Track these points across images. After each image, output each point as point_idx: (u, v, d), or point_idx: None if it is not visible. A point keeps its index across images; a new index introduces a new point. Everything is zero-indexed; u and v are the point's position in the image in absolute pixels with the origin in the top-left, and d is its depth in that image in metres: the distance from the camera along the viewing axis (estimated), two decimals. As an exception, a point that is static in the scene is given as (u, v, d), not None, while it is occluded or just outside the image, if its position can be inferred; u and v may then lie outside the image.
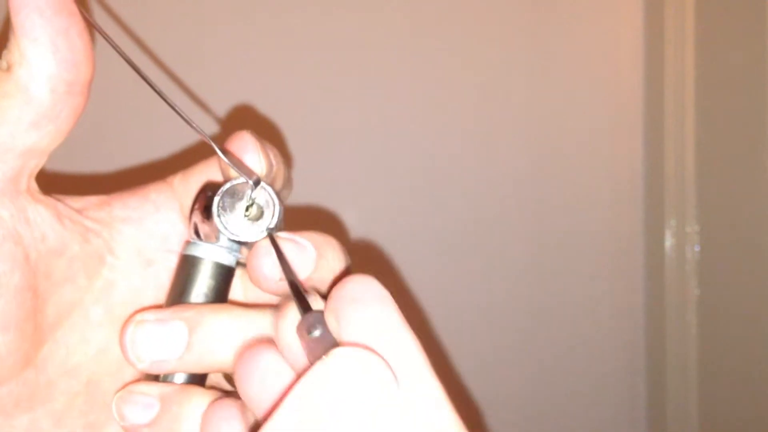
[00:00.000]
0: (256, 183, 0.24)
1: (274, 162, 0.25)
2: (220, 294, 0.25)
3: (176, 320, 0.23)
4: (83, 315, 0.24)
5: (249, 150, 0.24)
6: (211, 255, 0.25)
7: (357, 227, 0.78)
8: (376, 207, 0.78)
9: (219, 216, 0.24)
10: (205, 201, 0.25)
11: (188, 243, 0.25)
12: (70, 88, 0.22)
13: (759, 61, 0.71)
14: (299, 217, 0.77)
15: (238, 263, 0.26)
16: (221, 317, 0.23)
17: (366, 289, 0.20)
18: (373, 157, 0.78)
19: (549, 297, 0.83)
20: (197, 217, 0.25)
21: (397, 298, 0.20)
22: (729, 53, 0.76)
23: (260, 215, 0.24)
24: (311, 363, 0.19)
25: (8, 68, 0.21)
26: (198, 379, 0.24)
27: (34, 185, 0.23)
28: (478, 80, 0.81)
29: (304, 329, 0.20)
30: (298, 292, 0.21)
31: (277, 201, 0.24)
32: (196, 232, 0.25)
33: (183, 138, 0.70)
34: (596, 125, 0.84)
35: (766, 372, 0.72)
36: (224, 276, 0.25)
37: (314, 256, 0.24)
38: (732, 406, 0.77)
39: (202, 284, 0.24)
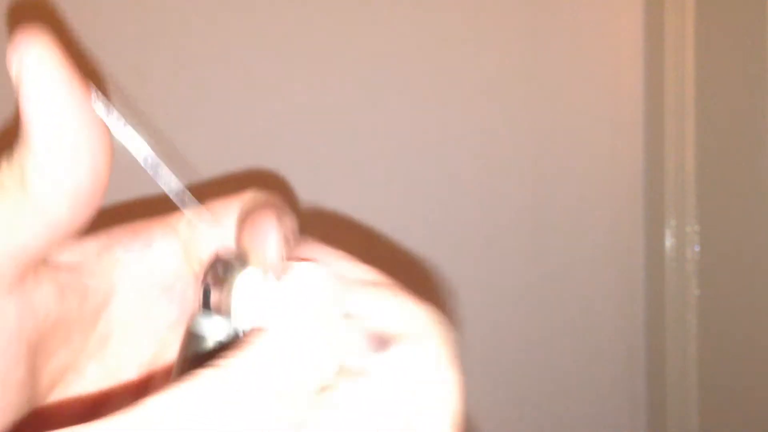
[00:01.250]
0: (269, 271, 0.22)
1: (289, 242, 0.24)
2: None
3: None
4: (77, 373, 0.23)
5: (270, 240, 0.22)
6: (220, 334, 0.23)
7: (354, 231, 0.78)
8: (376, 207, 0.79)
9: (237, 306, 0.23)
10: (221, 279, 0.23)
11: (195, 318, 0.24)
12: (92, 199, 0.20)
13: (759, 61, 0.71)
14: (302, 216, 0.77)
15: None
16: None
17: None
18: (373, 158, 0.78)
19: (549, 297, 0.83)
20: (211, 294, 0.23)
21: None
22: (729, 53, 0.76)
23: None
24: None
25: (20, 176, 0.19)
26: None
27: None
28: (479, 80, 0.81)
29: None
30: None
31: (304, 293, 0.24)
32: (206, 306, 0.24)
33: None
34: (596, 125, 0.84)
35: (766, 372, 0.72)
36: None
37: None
38: (732, 406, 0.77)
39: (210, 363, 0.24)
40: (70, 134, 0.19)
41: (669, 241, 0.82)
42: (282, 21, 0.76)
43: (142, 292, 0.24)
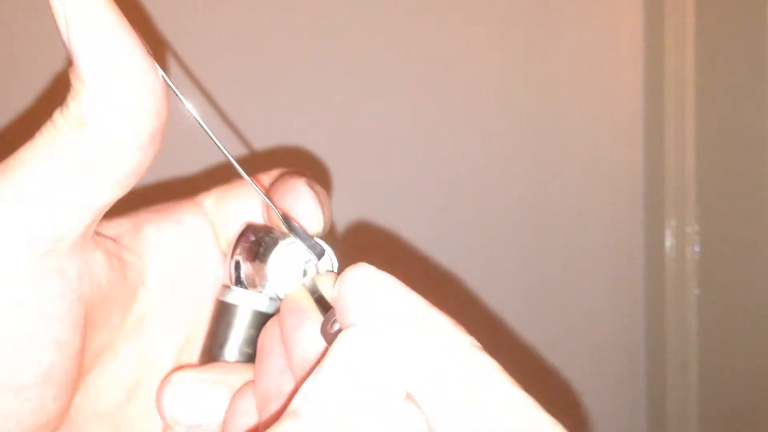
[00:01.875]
0: (320, 254, 0.23)
1: (328, 215, 0.24)
2: None
3: (219, 385, 0.22)
4: (112, 355, 0.22)
5: (308, 208, 0.22)
6: (253, 304, 0.23)
7: (355, 230, 0.78)
8: (375, 208, 0.78)
9: (274, 277, 0.22)
10: (254, 250, 0.23)
11: (227, 288, 0.24)
12: (152, 139, 0.19)
13: (759, 61, 0.71)
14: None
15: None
16: None
17: (366, 279, 0.19)
18: (373, 158, 0.78)
19: (549, 297, 0.83)
20: (243, 264, 0.23)
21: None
22: (729, 53, 0.76)
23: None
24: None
25: (80, 124, 0.18)
26: None
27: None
28: (479, 81, 0.81)
29: (327, 327, 0.19)
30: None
31: (333, 262, 0.23)
32: (238, 278, 0.24)
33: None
34: (596, 126, 0.84)
35: (766, 372, 0.72)
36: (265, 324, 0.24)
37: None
38: (732, 406, 0.77)
39: (244, 334, 0.23)
40: (129, 74, 0.18)
41: (669, 241, 0.83)
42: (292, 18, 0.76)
43: (174, 272, 0.24)
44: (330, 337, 0.19)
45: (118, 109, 0.18)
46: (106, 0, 0.18)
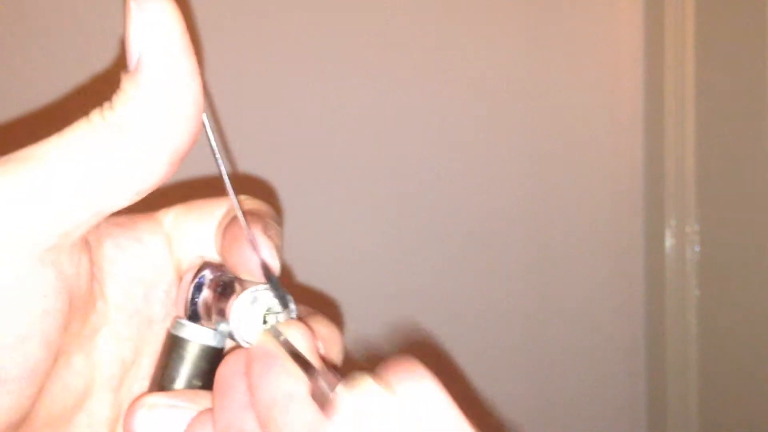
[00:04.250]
0: (283, 301, 0.23)
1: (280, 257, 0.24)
2: (212, 376, 0.25)
3: (190, 410, 0.22)
4: (67, 362, 0.22)
5: (263, 251, 0.23)
6: (206, 339, 0.24)
7: (357, 229, 0.78)
8: (375, 209, 0.78)
9: (235, 318, 0.23)
10: (211, 288, 0.24)
11: (180, 323, 0.24)
12: (180, 158, 0.20)
13: (759, 61, 0.71)
14: (301, 218, 0.77)
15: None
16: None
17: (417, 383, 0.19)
18: (372, 159, 0.78)
19: (549, 297, 0.83)
20: (199, 302, 0.24)
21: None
22: (729, 53, 0.76)
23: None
24: None
25: (121, 128, 0.19)
26: None
27: None
28: (478, 81, 0.81)
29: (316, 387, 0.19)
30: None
31: (294, 312, 0.24)
32: (193, 313, 0.24)
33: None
34: (596, 125, 0.84)
35: (766, 372, 0.72)
36: (218, 359, 0.25)
37: (320, 353, 0.23)
38: (732, 406, 0.77)
39: (194, 368, 0.24)
40: (184, 92, 0.19)
41: (669, 241, 0.83)
42: (284, 21, 0.75)
43: (129, 289, 0.24)
44: (325, 398, 0.19)
45: (163, 123, 0.19)
46: (182, 24, 0.19)
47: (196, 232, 0.25)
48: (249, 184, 0.73)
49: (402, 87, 0.78)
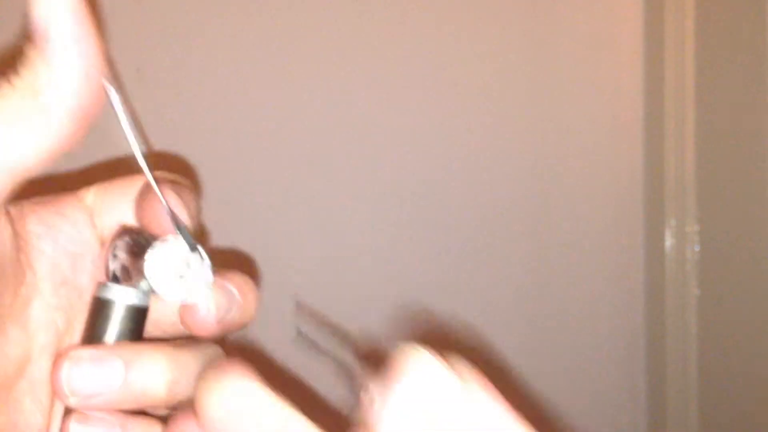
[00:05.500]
0: (193, 248, 0.25)
1: (195, 216, 0.26)
2: (139, 334, 0.26)
3: (114, 358, 0.24)
4: (2, 333, 0.23)
5: (180, 205, 0.25)
6: (130, 299, 0.25)
7: (357, 229, 0.78)
8: (375, 209, 0.78)
9: (152, 276, 0.25)
10: (129, 248, 0.25)
11: (104, 285, 0.26)
12: (90, 121, 0.22)
13: (759, 61, 0.71)
14: (298, 220, 0.77)
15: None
16: (156, 356, 0.24)
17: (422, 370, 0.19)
18: (372, 159, 0.78)
19: (549, 297, 0.83)
20: (119, 263, 0.25)
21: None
22: (729, 53, 0.76)
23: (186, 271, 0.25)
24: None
25: (34, 93, 0.21)
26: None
27: None
28: (478, 81, 0.81)
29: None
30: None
31: (210, 268, 0.25)
32: (114, 275, 0.25)
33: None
34: (596, 125, 0.84)
35: (766, 372, 0.72)
36: (142, 317, 0.26)
37: (240, 303, 0.25)
38: (732, 406, 0.77)
39: (120, 327, 0.25)
40: (88, 58, 0.21)
41: (669, 241, 0.83)
42: (282, 19, 0.75)
43: (55, 261, 0.25)
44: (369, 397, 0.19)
45: (65, 84, 0.21)
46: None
47: (117, 204, 0.27)
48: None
49: (402, 87, 0.78)
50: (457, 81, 0.80)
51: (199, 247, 0.25)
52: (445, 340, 0.79)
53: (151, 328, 0.27)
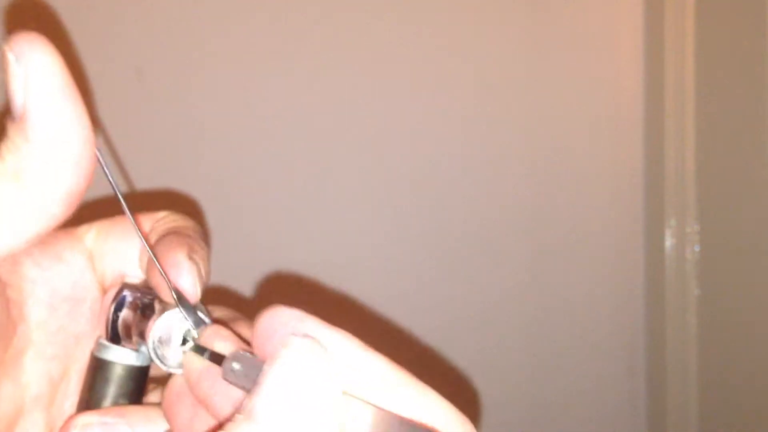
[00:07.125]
0: (198, 323, 0.24)
1: (206, 280, 0.24)
2: (140, 392, 0.26)
3: (121, 422, 0.23)
4: None
5: (188, 283, 0.23)
6: (129, 360, 0.25)
7: (358, 230, 0.78)
8: (375, 210, 0.78)
9: (155, 340, 0.24)
10: (133, 310, 0.25)
11: (104, 345, 0.25)
12: (78, 200, 0.20)
13: (759, 61, 0.71)
14: (296, 220, 0.77)
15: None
16: (162, 419, 0.23)
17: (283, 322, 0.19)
18: (372, 159, 0.78)
19: (549, 297, 0.83)
20: (121, 322, 0.25)
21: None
22: (729, 53, 0.76)
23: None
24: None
25: (15, 176, 0.19)
26: None
27: None
28: (478, 81, 0.81)
29: (229, 369, 0.19)
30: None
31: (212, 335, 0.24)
32: (115, 335, 0.25)
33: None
34: (596, 125, 0.84)
35: (766, 372, 0.72)
36: (144, 376, 0.25)
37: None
38: (732, 407, 0.77)
39: (119, 388, 0.25)
40: (72, 136, 0.19)
41: (669, 241, 0.83)
42: (281, 21, 0.75)
43: (52, 307, 0.24)
44: (239, 373, 0.19)
45: (53, 168, 0.19)
46: (64, 71, 0.19)
47: (119, 248, 0.25)
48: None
49: (403, 88, 0.78)
50: (457, 81, 0.80)
51: (205, 322, 0.24)
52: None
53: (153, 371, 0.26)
